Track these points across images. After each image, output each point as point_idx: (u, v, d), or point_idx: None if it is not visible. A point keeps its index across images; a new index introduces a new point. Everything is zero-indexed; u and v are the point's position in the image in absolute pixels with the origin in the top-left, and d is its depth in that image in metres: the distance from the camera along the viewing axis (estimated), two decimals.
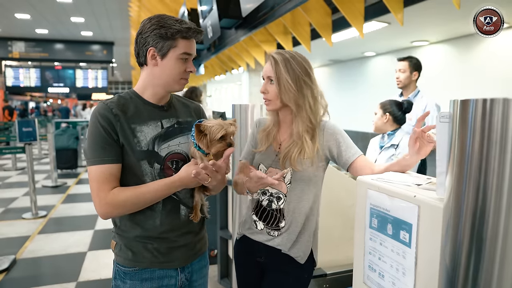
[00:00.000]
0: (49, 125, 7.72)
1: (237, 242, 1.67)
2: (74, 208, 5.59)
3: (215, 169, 1.23)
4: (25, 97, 25.85)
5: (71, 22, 13.47)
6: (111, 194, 1.26)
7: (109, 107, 1.30)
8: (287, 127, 1.54)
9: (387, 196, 1.08)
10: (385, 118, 2.60)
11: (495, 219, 0.65)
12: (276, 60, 1.43)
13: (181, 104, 1.50)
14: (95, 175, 1.27)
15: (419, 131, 1.24)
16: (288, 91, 1.42)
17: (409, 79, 3.20)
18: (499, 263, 0.66)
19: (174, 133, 1.39)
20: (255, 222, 1.55)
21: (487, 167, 0.65)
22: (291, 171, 1.46)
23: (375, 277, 1.15)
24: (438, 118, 0.93)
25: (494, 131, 0.64)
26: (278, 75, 1.43)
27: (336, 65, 10.99)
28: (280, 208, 1.49)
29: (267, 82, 1.47)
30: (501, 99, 0.63)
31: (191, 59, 1.36)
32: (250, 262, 1.60)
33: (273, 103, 1.48)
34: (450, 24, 5.71)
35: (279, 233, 1.50)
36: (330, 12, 4.14)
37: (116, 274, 1.40)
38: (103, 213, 1.29)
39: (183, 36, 1.30)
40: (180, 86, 1.37)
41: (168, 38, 1.29)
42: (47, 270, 3.60)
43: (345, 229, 2.12)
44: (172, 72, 1.33)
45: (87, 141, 1.31)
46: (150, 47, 1.30)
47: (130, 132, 1.30)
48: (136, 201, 1.29)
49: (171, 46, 1.30)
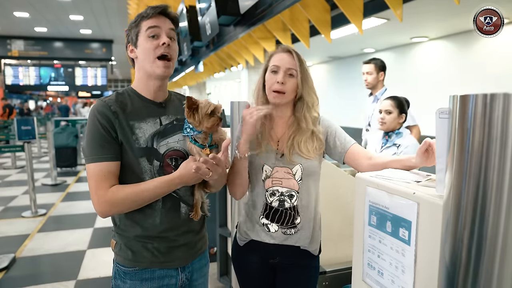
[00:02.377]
0: (48, 124, 7.71)
1: (242, 247, 1.60)
2: (74, 206, 5.59)
3: (215, 162, 1.22)
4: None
5: (70, 20, 13.44)
6: (109, 192, 1.25)
7: (108, 104, 1.29)
8: (283, 122, 1.54)
9: (386, 193, 1.07)
10: (401, 118, 2.55)
11: (495, 216, 0.64)
12: (299, 55, 1.47)
13: (179, 101, 1.48)
14: (93, 173, 1.26)
15: (429, 143, 1.22)
16: (310, 85, 1.49)
17: (376, 79, 3.43)
18: (500, 260, 0.65)
19: (173, 130, 1.38)
20: (267, 225, 1.51)
21: (487, 164, 0.64)
22: (301, 167, 1.46)
23: (374, 275, 1.14)
24: (438, 114, 0.92)
25: (494, 127, 0.62)
26: (302, 70, 1.46)
27: (335, 61, 10.96)
28: (294, 206, 1.48)
29: (285, 74, 1.45)
30: (502, 94, 0.62)
31: (162, 33, 1.33)
32: (262, 265, 1.57)
33: (287, 96, 1.47)
34: (450, 20, 5.69)
35: (296, 230, 1.49)
36: (329, 9, 4.12)
37: (116, 274, 1.39)
38: (101, 211, 1.27)
39: (143, 17, 1.33)
40: (160, 68, 1.32)
41: (134, 27, 1.33)
42: (46, 269, 3.60)
43: (344, 226, 2.11)
44: (146, 53, 1.32)
45: (86, 139, 1.30)
46: (127, 44, 1.37)
47: (128, 129, 1.29)
48: (135, 199, 1.27)
49: (138, 32, 1.33)
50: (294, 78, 1.46)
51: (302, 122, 1.49)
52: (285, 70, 1.45)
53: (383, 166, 1.35)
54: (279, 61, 1.46)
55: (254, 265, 1.58)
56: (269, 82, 1.47)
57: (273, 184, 1.48)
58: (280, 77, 1.44)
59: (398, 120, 2.56)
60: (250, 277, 1.61)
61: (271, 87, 1.46)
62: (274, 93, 1.46)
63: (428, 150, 1.21)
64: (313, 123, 1.51)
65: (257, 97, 1.55)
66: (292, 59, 1.46)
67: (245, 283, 1.64)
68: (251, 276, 1.61)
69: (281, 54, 1.47)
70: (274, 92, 1.46)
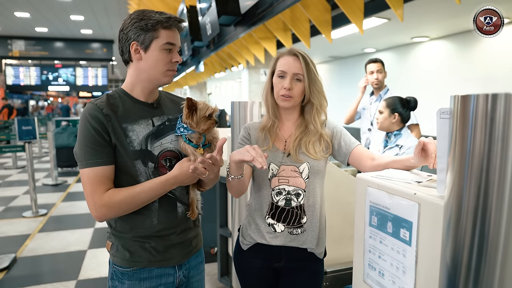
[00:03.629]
0: (49, 124, 7.72)
1: (245, 251, 1.56)
2: (74, 206, 5.59)
3: (211, 161, 1.22)
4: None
5: (70, 20, 13.46)
6: (106, 197, 1.24)
7: (99, 107, 1.27)
8: (291, 124, 1.54)
9: (387, 193, 1.07)
10: (393, 118, 2.52)
11: (496, 216, 0.64)
12: (306, 58, 1.46)
13: (170, 100, 1.47)
14: (88, 178, 1.25)
15: (423, 143, 1.21)
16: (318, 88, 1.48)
17: (384, 77, 3.40)
18: (501, 261, 0.65)
19: (166, 130, 1.37)
20: (273, 225, 1.49)
21: (488, 164, 0.64)
22: (309, 165, 1.46)
23: (375, 276, 1.14)
24: (439, 114, 0.92)
25: (495, 127, 0.62)
26: (310, 74, 1.46)
27: (336, 61, 10.95)
28: (300, 205, 1.47)
29: (292, 79, 1.45)
30: (503, 94, 0.61)
31: (175, 50, 1.33)
32: (266, 269, 1.55)
33: (294, 100, 1.48)
34: (451, 20, 5.68)
35: (303, 230, 1.48)
36: (329, 8, 4.12)
37: (113, 275, 1.38)
38: (98, 216, 1.27)
39: (164, 26, 1.27)
40: (167, 78, 1.34)
41: (149, 30, 1.26)
42: (47, 269, 3.60)
43: (345, 226, 2.11)
44: (157, 64, 1.29)
45: (78, 144, 1.28)
46: (132, 41, 1.28)
47: (121, 132, 1.28)
48: (132, 202, 1.27)
49: (153, 37, 1.27)
50: (301, 82, 1.46)
51: (310, 124, 1.50)
52: (291, 76, 1.45)
53: (385, 167, 1.35)
54: (286, 66, 1.46)
55: (258, 270, 1.55)
56: (277, 87, 1.48)
57: (280, 182, 1.47)
58: (287, 83, 1.45)
59: (390, 119, 2.52)
60: (254, 282, 1.59)
61: (279, 92, 1.47)
62: (282, 97, 1.47)
63: (424, 149, 1.21)
64: (321, 125, 1.52)
65: (265, 100, 1.55)
66: (298, 63, 1.45)
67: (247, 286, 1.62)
68: (254, 281, 1.58)
69: (287, 58, 1.47)
70: (282, 96, 1.47)
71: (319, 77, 1.50)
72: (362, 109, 3.68)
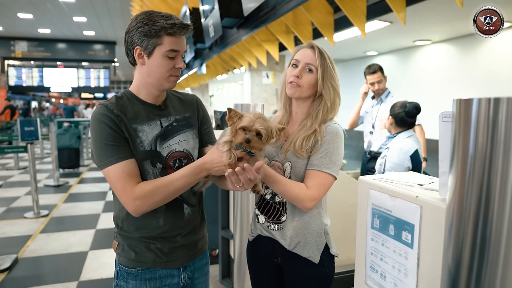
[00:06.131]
0: (51, 125, 7.73)
1: (250, 243, 1.65)
2: (76, 207, 5.59)
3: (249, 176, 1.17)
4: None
5: (73, 22, 13.50)
6: (137, 189, 1.23)
7: (110, 108, 1.28)
8: (298, 119, 1.52)
9: (389, 196, 1.08)
10: (390, 120, 2.68)
11: (498, 219, 0.64)
12: (322, 51, 1.45)
13: (177, 99, 1.48)
14: (114, 175, 1.24)
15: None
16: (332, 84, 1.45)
17: (384, 85, 3.52)
18: (503, 264, 0.65)
19: (173, 131, 1.38)
20: (258, 216, 1.56)
21: (490, 167, 0.64)
22: (291, 165, 1.45)
23: (377, 278, 1.14)
24: (441, 117, 0.92)
25: (498, 131, 0.62)
26: (324, 67, 1.44)
27: (338, 64, 10.97)
28: (283, 202, 1.48)
29: (303, 69, 1.45)
30: (505, 98, 0.62)
31: (179, 56, 1.32)
32: (266, 264, 1.58)
33: (301, 90, 1.45)
34: (453, 23, 5.68)
35: (280, 227, 1.48)
36: (332, 11, 4.12)
37: (119, 274, 1.39)
38: (135, 210, 1.25)
39: (168, 32, 1.26)
40: (170, 84, 1.33)
41: (152, 36, 1.25)
42: (48, 270, 3.60)
43: (347, 229, 2.11)
44: (160, 70, 1.29)
45: (95, 146, 1.26)
46: (136, 46, 1.28)
47: (133, 131, 1.29)
48: (166, 190, 1.25)
49: (156, 44, 1.26)
50: (312, 74, 1.45)
51: (309, 119, 1.46)
52: (303, 65, 1.45)
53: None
54: (300, 55, 1.47)
55: (263, 262, 1.59)
56: (288, 75, 1.49)
57: None
58: (297, 70, 1.45)
59: (388, 122, 2.72)
60: (259, 276, 1.63)
61: (288, 79, 1.48)
62: (289, 84, 1.47)
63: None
64: (321, 122, 1.45)
65: (280, 92, 1.57)
66: (313, 54, 1.45)
67: (254, 280, 1.65)
68: (260, 275, 1.63)
69: (304, 50, 1.48)
70: (289, 84, 1.47)
71: (336, 74, 1.48)
72: (365, 113, 3.70)
